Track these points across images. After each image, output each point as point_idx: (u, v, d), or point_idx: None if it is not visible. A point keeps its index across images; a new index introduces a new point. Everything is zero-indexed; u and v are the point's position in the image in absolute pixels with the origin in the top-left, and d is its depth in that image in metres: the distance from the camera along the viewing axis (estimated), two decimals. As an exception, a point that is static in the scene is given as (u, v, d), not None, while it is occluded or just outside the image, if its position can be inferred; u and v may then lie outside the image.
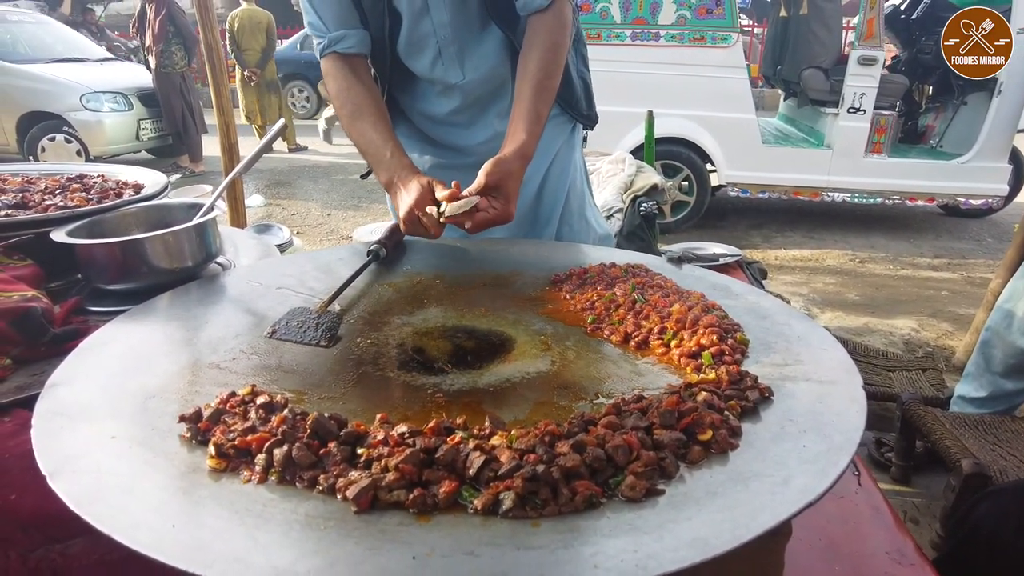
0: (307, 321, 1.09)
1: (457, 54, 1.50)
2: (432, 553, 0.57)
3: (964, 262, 5.39)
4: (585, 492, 0.63)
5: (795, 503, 0.62)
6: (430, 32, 1.47)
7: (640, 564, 0.55)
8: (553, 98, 1.40)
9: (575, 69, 1.63)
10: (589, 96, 1.69)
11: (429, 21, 1.45)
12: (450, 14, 1.44)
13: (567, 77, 1.58)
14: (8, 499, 0.77)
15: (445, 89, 1.57)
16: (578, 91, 1.64)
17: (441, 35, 1.47)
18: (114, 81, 8.01)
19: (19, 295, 1.08)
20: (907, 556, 1.04)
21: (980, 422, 2.22)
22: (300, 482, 0.67)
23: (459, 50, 1.49)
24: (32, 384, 0.94)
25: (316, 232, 5.94)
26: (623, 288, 1.20)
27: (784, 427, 0.78)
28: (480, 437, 0.72)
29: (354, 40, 1.46)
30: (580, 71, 1.66)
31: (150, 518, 0.61)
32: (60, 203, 1.43)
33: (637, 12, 5.51)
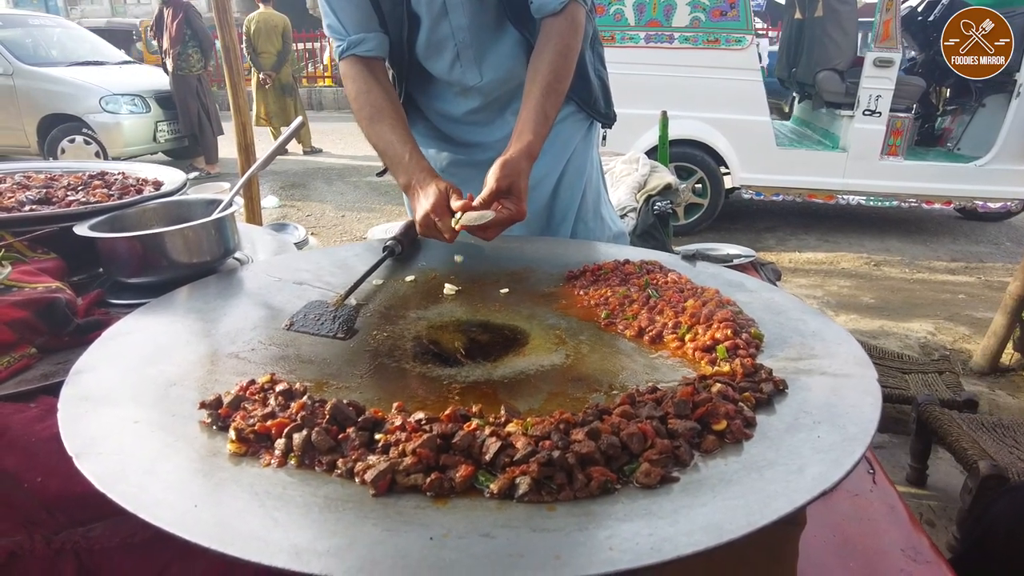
0: (324, 314, 1.10)
1: (475, 56, 1.51)
2: (449, 534, 0.58)
3: (982, 265, 5.33)
4: (600, 478, 0.64)
5: (810, 491, 0.62)
6: (448, 35, 1.48)
7: (655, 547, 0.55)
8: (562, 101, 1.40)
9: (592, 68, 1.63)
10: (607, 95, 1.70)
11: (448, 24, 1.47)
12: (468, 17, 1.45)
13: (584, 76, 1.59)
14: (34, 481, 0.79)
15: (463, 90, 1.59)
16: (596, 90, 1.65)
17: (459, 38, 1.48)
18: (132, 84, 8.13)
19: (44, 286, 1.11)
20: (923, 554, 1.04)
21: (998, 424, 2.20)
22: (319, 466, 0.69)
23: (477, 52, 1.51)
24: (56, 372, 0.96)
25: (330, 233, 5.98)
26: (637, 284, 1.20)
27: (798, 418, 0.78)
28: (496, 424, 0.73)
29: (373, 43, 1.48)
30: (597, 70, 1.66)
31: (172, 498, 0.62)
32: (82, 199, 1.46)
33: (651, 14, 5.51)
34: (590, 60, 1.62)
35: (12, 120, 7.82)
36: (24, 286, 1.09)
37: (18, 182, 1.60)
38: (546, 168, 1.60)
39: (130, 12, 14.52)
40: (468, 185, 1.60)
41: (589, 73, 1.62)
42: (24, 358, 0.99)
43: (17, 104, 7.73)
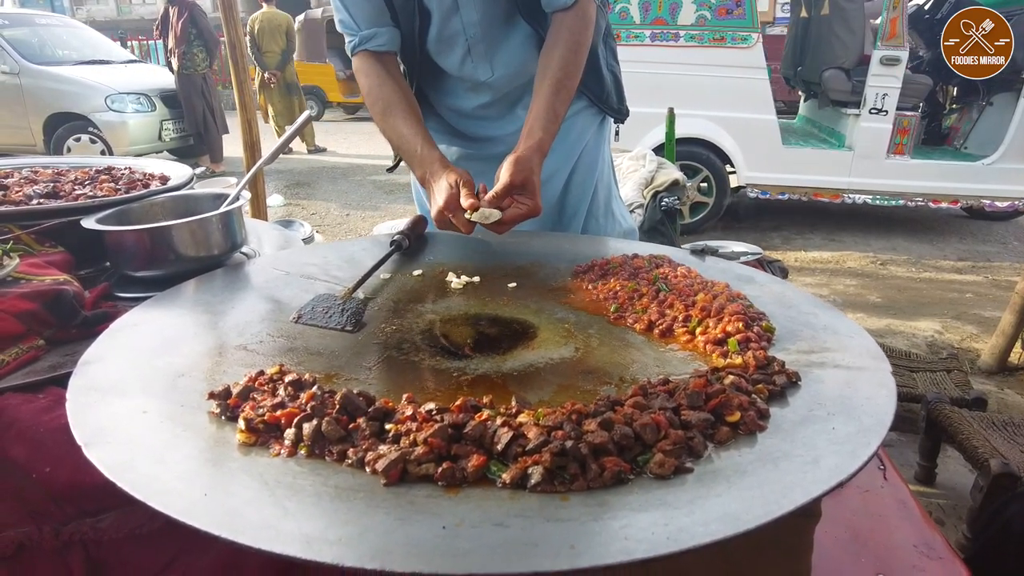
0: (332, 307, 1.10)
1: (486, 51, 1.50)
2: (462, 524, 0.57)
3: (989, 264, 5.30)
4: (614, 468, 0.63)
5: (827, 482, 0.62)
6: (459, 30, 1.48)
7: (671, 537, 0.54)
8: (572, 97, 1.40)
9: (604, 63, 1.62)
10: (619, 90, 1.69)
11: (459, 19, 1.46)
12: (479, 12, 1.45)
13: (597, 71, 1.58)
14: (43, 472, 0.78)
15: (474, 86, 1.58)
16: (608, 85, 1.64)
17: (470, 33, 1.48)
18: (138, 83, 8.15)
19: (51, 279, 1.10)
20: (935, 549, 1.03)
21: (1008, 423, 2.18)
22: (329, 456, 0.68)
23: (488, 47, 1.50)
24: (64, 363, 0.95)
25: (335, 232, 5.98)
26: (646, 278, 1.20)
27: (812, 410, 0.77)
28: (507, 415, 0.72)
29: (385, 38, 1.48)
30: (610, 65, 1.65)
31: (181, 487, 0.62)
32: (89, 193, 1.46)
33: (657, 12, 5.50)
34: (603, 55, 1.61)
35: (18, 119, 7.84)
36: (32, 278, 1.09)
37: (26, 177, 1.60)
38: (557, 163, 1.59)
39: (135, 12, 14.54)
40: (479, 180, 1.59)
41: (602, 68, 1.61)
42: (32, 349, 0.98)
43: (24, 103, 7.76)
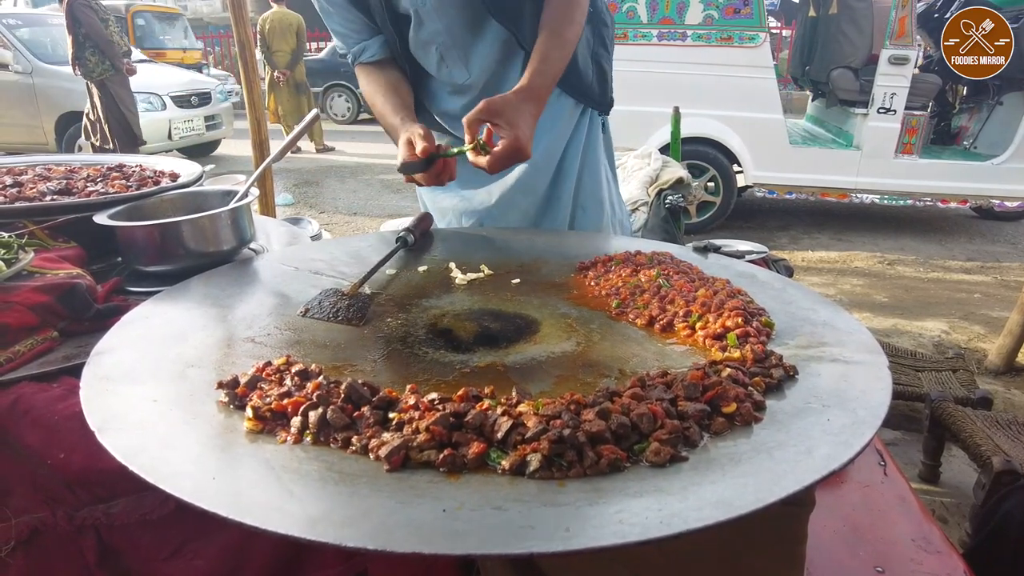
0: (339, 302, 1.12)
1: (460, 56, 1.53)
2: (462, 507, 0.59)
3: (998, 265, 5.28)
4: (610, 455, 0.65)
5: (819, 470, 0.63)
6: (429, 39, 1.51)
7: (665, 521, 0.56)
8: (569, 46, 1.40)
9: (589, 51, 1.61)
10: (602, 79, 1.67)
11: (425, 30, 1.50)
12: (443, 22, 1.47)
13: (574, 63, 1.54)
14: (57, 458, 0.81)
15: (456, 88, 1.61)
16: (589, 77, 1.62)
17: (439, 41, 1.51)
18: (148, 83, 8.20)
19: (65, 273, 1.13)
20: (933, 543, 1.04)
21: (1012, 421, 2.18)
22: (334, 443, 0.70)
23: (461, 52, 1.52)
24: (78, 354, 0.98)
25: (342, 231, 6.02)
26: (648, 274, 1.21)
27: (808, 403, 0.79)
28: (508, 404, 0.74)
29: (374, 48, 1.54)
30: (596, 52, 1.64)
31: (191, 470, 0.64)
32: (101, 189, 1.48)
33: (664, 12, 5.50)
34: (588, 42, 1.59)
35: (30, 118, 7.94)
36: (46, 272, 1.12)
37: (39, 174, 1.63)
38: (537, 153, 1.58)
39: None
40: (475, 178, 1.60)
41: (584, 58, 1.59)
42: (47, 341, 1.01)
43: (36, 102, 7.85)
